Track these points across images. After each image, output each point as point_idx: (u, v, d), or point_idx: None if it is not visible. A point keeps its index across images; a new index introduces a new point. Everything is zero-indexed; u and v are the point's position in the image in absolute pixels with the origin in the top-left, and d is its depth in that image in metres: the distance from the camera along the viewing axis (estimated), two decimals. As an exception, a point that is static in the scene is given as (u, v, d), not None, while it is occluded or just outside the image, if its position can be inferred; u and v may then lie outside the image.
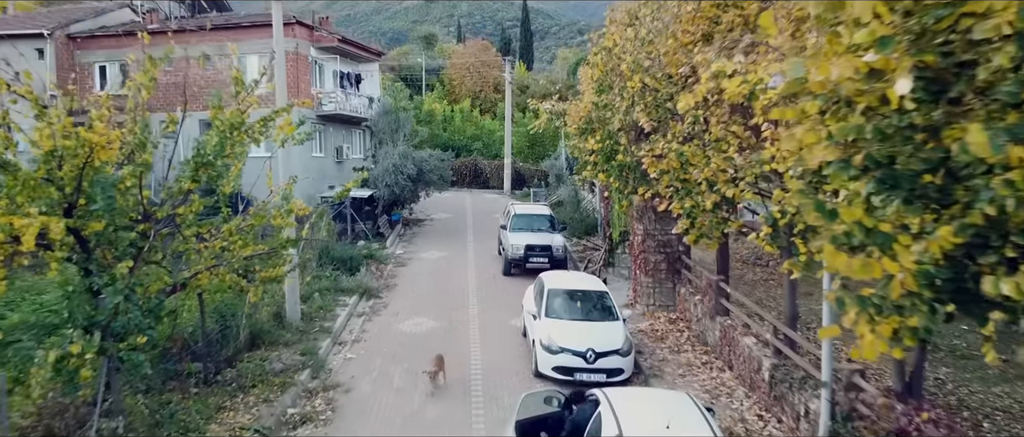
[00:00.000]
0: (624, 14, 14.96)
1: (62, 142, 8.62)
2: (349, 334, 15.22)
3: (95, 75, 29.63)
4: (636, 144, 13.53)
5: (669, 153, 10.98)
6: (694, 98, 7.96)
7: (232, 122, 9.54)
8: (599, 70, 15.01)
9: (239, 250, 10.85)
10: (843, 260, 4.41)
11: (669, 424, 7.30)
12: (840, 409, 8.48)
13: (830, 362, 8.63)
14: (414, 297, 18.24)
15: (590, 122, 15.86)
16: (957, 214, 4.23)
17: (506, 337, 14.97)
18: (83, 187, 9.01)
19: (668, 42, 11.73)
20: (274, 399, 11.31)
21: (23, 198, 8.81)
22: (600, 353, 12.05)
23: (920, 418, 7.06)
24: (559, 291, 13.73)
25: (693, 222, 10.95)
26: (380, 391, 12.00)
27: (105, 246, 9.54)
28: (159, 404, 10.37)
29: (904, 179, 4.41)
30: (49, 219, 8.43)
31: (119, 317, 8.90)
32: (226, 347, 12.77)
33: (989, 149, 3.59)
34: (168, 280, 10.21)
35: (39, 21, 30.29)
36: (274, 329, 14.34)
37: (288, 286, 14.90)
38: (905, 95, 4.07)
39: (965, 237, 4.15)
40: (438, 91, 58.27)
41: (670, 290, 16.58)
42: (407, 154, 26.76)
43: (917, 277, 4.27)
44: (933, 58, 4.12)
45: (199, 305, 12.10)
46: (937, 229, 4.18)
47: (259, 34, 27.33)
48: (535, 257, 19.91)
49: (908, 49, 4.14)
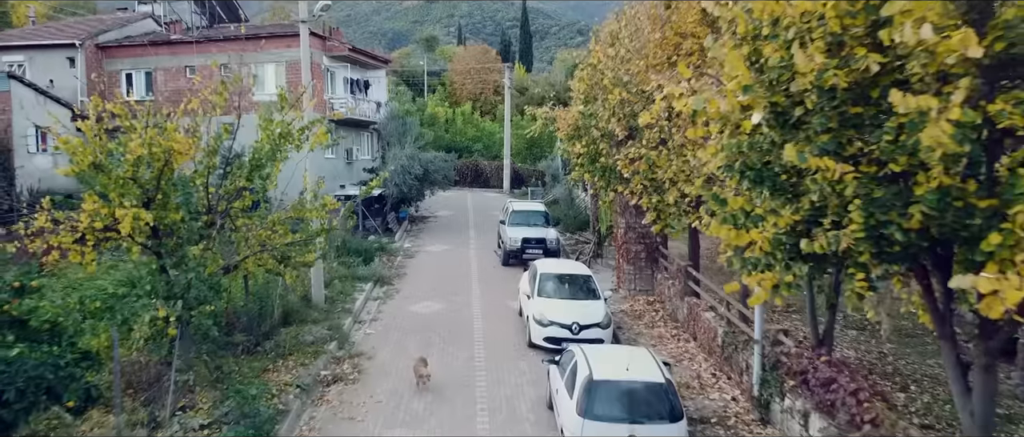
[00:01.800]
0: (607, 35, 17.14)
1: (150, 149, 10.74)
2: (367, 314, 17.41)
3: (122, 81, 31.75)
4: (615, 149, 15.70)
5: (640, 158, 13.16)
6: (651, 116, 10.13)
7: (281, 132, 11.70)
8: (585, 83, 17.19)
9: (280, 239, 13.06)
10: (724, 231, 6.61)
11: (628, 367, 9.50)
12: (768, 360, 10.67)
13: (761, 324, 10.81)
14: (422, 284, 20.41)
15: (577, 129, 18.06)
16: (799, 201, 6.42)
17: (504, 316, 17.13)
18: (161, 185, 11.16)
19: (640, 63, 13.91)
20: (309, 364, 13.46)
21: (114, 194, 10.96)
22: (584, 326, 14.20)
23: (819, 361, 9.24)
24: (550, 275, 15.90)
25: (659, 214, 13.12)
26: (397, 358, 14.17)
27: (167, 234, 11.70)
28: (216, 365, 12.53)
29: (767, 178, 6.60)
30: (140, 210, 10.62)
31: (190, 290, 11.04)
32: (264, 323, 14.94)
33: (796, 159, 5.77)
34: (222, 262, 12.39)
35: (70, 31, 32.48)
36: (303, 309, 16.50)
37: (314, 272, 17.07)
38: (760, 122, 6.27)
39: (801, 215, 6.35)
40: (440, 93, 60.41)
41: (649, 276, 18.77)
42: (414, 156, 28.91)
43: (771, 242, 6.46)
44: (780, 98, 6.31)
45: (244, 286, 14.27)
46: (784, 210, 6.38)
47: (275, 45, 29.53)
48: (531, 249, 22.05)
49: (764, 92, 6.32)
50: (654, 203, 12.94)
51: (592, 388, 9.12)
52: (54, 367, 7.42)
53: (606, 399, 9.06)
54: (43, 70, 30.55)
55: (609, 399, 9.08)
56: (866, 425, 7.97)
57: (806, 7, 5.81)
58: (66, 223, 11.09)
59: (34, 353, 7.18)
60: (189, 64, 30.94)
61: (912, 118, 5.32)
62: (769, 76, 6.32)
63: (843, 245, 5.95)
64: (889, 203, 5.85)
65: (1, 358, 6.87)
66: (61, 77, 30.70)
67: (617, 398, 9.14)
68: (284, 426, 10.77)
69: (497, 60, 64.01)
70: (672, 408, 9.03)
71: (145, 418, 10.21)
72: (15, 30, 37.55)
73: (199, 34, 31.30)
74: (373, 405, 11.85)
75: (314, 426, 11.07)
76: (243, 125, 12.33)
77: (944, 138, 5.13)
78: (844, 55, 5.87)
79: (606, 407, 9.00)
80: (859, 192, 5.87)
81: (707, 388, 12.32)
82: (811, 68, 5.77)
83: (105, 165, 10.89)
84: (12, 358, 6.94)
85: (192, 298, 11.03)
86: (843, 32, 5.86)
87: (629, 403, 9.09)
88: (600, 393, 9.08)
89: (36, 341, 7.34)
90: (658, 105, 9.84)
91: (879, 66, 5.63)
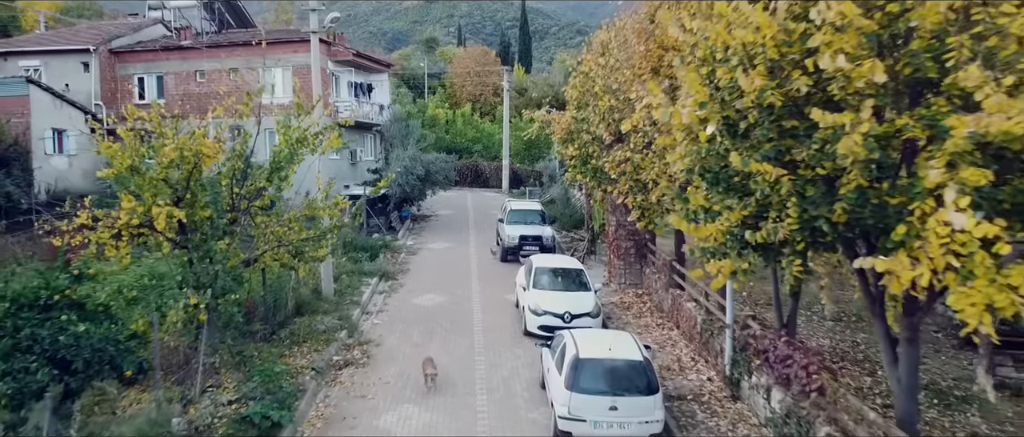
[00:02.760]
0: (598, 45, 18.32)
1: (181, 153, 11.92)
2: (374, 306, 18.60)
3: (134, 85, 32.94)
4: (605, 151, 16.89)
5: (626, 160, 14.34)
6: (631, 122, 11.30)
7: (299, 137, 12.88)
8: (577, 90, 18.38)
9: (295, 235, 14.25)
10: (684, 224, 7.80)
11: (611, 347, 10.69)
12: (738, 343, 11.86)
13: (732, 311, 11.99)
14: (425, 279, 21.59)
15: (570, 133, 19.25)
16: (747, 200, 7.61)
17: (502, 308, 18.32)
18: (190, 185, 12.34)
19: (627, 72, 15.09)
20: (321, 350, 14.65)
21: (148, 194, 12.14)
22: (575, 315, 15.38)
23: (780, 341, 10.43)
24: (544, 269, 17.09)
25: (644, 212, 14.31)
26: (403, 345, 15.37)
27: (192, 231, 12.87)
28: (238, 350, 13.72)
29: (722, 180, 7.79)
30: (173, 208, 11.80)
31: (217, 280, 12.22)
32: (279, 313, 16.12)
33: (741, 164, 6.96)
34: (242, 256, 13.57)
35: (84, 37, 33.66)
36: (314, 301, 17.69)
37: (324, 267, 18.26)
38: (714, 133, 7.45)
39: (749, 211, 7.54)
40: (440, 94, 61.61)
41: (638, 271, 19.96)
42: (416, 157, 30.10)
43: (724, 234, 7.64)
44: (731, 112, 7.49)
45: (262, 279, 15.45)
46: (735, 206, 7.57)
47: (282, 50, 30.67)
48: (528, 245, 23.24)
49: (718, 108, 7.51)
50: (639, 202, 14.13)
51: (578, 365, 10.31)
52: (115, 342, 8.58)
53: (591, 375, 10.25)
54: (58, 74, 31.68)
55: (593, 375, 10.26)
56: (813, 393, 9.16)
57: (748, 38, 6.99)
58: (105, 220, 12.28)
59: (97, 330, 8.34)
60: (199, 68, 32.12)
61: (832, 131, 6.51)
62: (721, 94, 7.51)
63: (781, 235, 7.14)
64: (818, 200, 7.04)
65: (71, 333, 8.04)
66: (76, 81, 31.88)
67: (601, 374, 10.32)
68: (303, 402, 11.95)
69: (496, 62, 65.22)
70: (649, 382, 10.22)
71: (178, 395, 11.39)
72: (31, 35, 38.72)
73: (209, 40, 32.45)
74: (382, 386, 13.03)
75: (330, 403, 12.26)
76: (251, 127, 13.48)
77: (856, 147, 6.32)
78: (782, 78, 7.06)
79: (591, 381, 10.19)
80: (794, 191, 7.06)
81: (686, 370, 13.52)
82: (753, 88, 6.96)
83: (140, 168, 12.09)
84: (80, 333, 8.11)
85: (219, 288, 12.21)
86: (780, 58, 7.04)
87: (611, 378, 10.28)
88: (585, 369, 10.27)
89: (94, 321, 8.49)
90: (639, 113, 11.06)
91: (808, 87, 6.82)
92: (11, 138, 26.85)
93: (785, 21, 6.86)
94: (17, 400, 7.77)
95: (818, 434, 8.90)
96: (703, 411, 11.69)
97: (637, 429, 10.02)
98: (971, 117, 5.89)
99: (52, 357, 7.95)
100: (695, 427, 11.11)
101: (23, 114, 28.13)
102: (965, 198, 5.78)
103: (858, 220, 6.93)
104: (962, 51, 6.28)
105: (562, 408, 10.20)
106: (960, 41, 6.31)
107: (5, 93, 27.88)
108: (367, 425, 11.34)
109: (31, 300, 8.28)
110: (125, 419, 9.84)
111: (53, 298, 8.43)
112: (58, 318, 8.17)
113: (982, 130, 5.78)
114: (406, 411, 11.88)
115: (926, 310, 7.80)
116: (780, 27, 6.86)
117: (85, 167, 30.38)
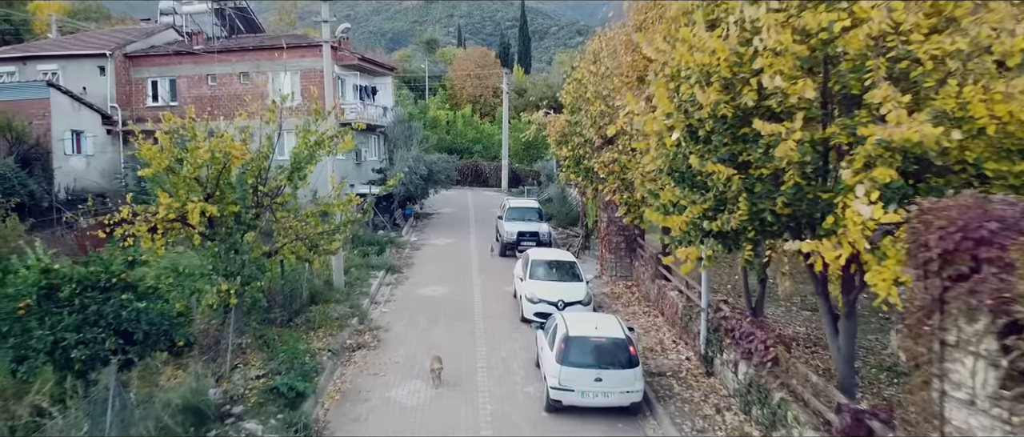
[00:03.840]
0: (591, 53, 19.71)
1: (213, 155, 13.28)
2: (382, 296, 19.99)
3: (148, 88, 34.30)
4: (596, 152, 18.29)
5: (614, 160, 15.73)
6: (616, 128, 12.69)
7: (317, 140, 14.26)
8: (570, 96, 19.78)
9: (311, 229, 15.61)
10: (656, 216, 9.20)
11: (597, 327, 12.09)
12: (711, 325, 13.25)
13: (707, 295, 13.38)
14: (429, 272, 22.98)
15: (564, 135, 20.64)
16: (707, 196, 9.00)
17: (501, 298, 19.71)
18: (219, 183, 13.71)
19: (616, 80, 16.48)
20: (335, 334, 16.03)
21: (182, 192, 13.52)
22: (568, 303, 16.75)
23: (745, 321, 11.82)
24: (540, 261, 18.48)
25: (630, 209, 15.70)
26: (410, 330, 16.75)
27: (218, 225, 14.23)
28: (260, 333, 15.10)
29: (686, 178, 9.17)
30: (205, 204, 13.18)
31: (244, 269, 13.59)
32: (295, 301, 17.50)
33: (698, 165, 8.35)
34: (264, 248, 14.95)
35: (100, 42, 35.04)
36: (326, 291, 19.08)
37: (335, 260, 19.63)
38: (678, 139, 8.84)
39: (708, 205, 8.92)
40: (440, 95, 63.01)
41: (628, 264, 21.36)
42: (419, 157, 31.50)
43: (688, 224, 9.03)
44: (694, 121, 8.88)
45: (280, 270, 16.82)
46: (697, 201, 8.96)
47: (290, 55, 32.00)
48: (525, 241, 24.62)
49: (681, 117, 8.89)
50: (625, 199, 15.51)
51: (568, 342, 11.71)
52: (169, 317, 9.93)
53: (579, 350, 11.64)
54: (75, 78, 33.04)
55: (581, 350, 11.66)
56: (769, 363, 10.54)
57: (705, 60, 8.37)
58: (143, 214, 13.67)
59: (153, 306, 9.70)
60: (210, 72, 33.48)
61: (772, 138, 7.89)
62: (684, 106, 8.89)
63: (733, 224, 8.53)
64: (764, 195, 8.43)
65: (132, 309, 9.40)
66: (92, 84, 33.24)
67: (588, 350, 11.71)
68: (322, 378, 13.33)
69: (496, 63, 66.58)
70: (629, 357, 11.61)
71: (211, 371, 12.79)
72: (49, 40, 40.07)
73: (220, 45, 33.82)
74: (392, 365, 14.42)
75: (346, 379, 13.65)
76: (260, 128, 14.81)
77: (791, 152, 7.70)
78: (734, 93, 8.44)
79: (579, 356, 11.58)
80: (743, 188, 8.44)
81: (668, 351, 14.92)
82: (709, 102, 8.34)
83: (176, 168, 13.48)
84: (140, 309, 9.47)
85: (246, 276, 13.60)
86: (732, 76, 8.42)
87: (596, 353, 11.67)
88: (574, 345, 11.66)
89: (149, 300, 9.84)
90: (622, 119, 12.45)
91: (754, 101, 8.20)
92: (33, 139, 28.20)
93: (735, 46, 8.23)
94: (89, 364, 9.14)
95: (774, 398, 10.28)
96: (680, 385, 13.07)
97: (619, 398, 11.43)
98: (880, 127, 7.27)
99: (116, 329, 9.32)
100: (672, 398, 12.50)
101: (44, 116, 29.48)
102: (875, 192, 7.15)
103: (797, 211, 8.31)
104: (878, 72, 7.66)
105: (554, 380, 11.59)
106: (877, 63, 7.68)
107: (27, 96, 29.25)
108: (380, 397, 12.73)
109: (93, 282, 9.62)
110: (169, 389, 11.24)
111: (111, 281, 9.78)
112: (118, 297, 9.54)
113: (888, 137, 7.16)
114: (415, 386, 13.26)
115: (860, 289, 9.17)
116: (731, 51, 8.24)
117: (102, 167, 31.80)
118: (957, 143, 7.29)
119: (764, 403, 10.56)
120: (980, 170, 7.78)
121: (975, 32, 7.35)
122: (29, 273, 9.62)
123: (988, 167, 7.73)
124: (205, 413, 10.97)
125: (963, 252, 5.09)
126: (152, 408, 10.11)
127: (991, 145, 7.72)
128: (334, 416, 11.95)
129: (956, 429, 5.39)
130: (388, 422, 11.67)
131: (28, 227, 22.10)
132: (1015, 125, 7.50)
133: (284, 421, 11.16)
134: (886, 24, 7.45)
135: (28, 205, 24.82)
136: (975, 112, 7.34)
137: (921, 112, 7.37)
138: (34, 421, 8.86)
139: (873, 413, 7.91)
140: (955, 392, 5.39)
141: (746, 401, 11.34)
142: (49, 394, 9.12)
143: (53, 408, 8.90)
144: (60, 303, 9.46)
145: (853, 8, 7.72)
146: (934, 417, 5.62)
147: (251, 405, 11.76)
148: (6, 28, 48.89)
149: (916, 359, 5.63)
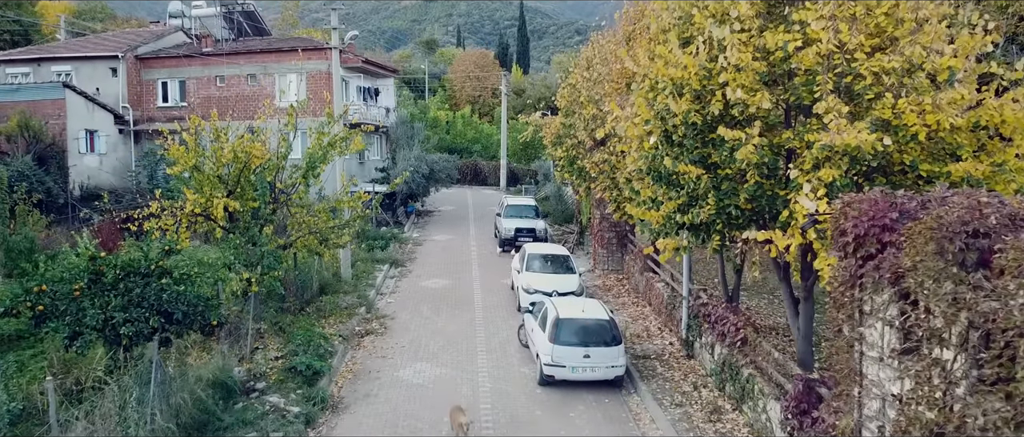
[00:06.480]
0: (584, 59, 20.92)
1: (235, 155, 14.48)
2: (387, 288, 21.21)
3: (158, 89, 35.46)
4: (588, 153, 19.51)
5: (604, 161, 16.94)
6: (603, 131, 13.89)
7: (330, 141, 15.48)
8: (565, 100, 21.00)
9: (323, 223, 16.82)
10: (637, 210, 10.42)
11: (583, 310, 13.35)
12: (692, 311, 14.48)
13: (688, 284, 14.61)
14: (431, 266, 24.20)
15: (559, 137, 21.86)
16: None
17: (499, 290, 20.93)
18: (241, 181, 14.91)
19: (607, 86, 17.69)
20: (345, 322, 17.24)
21: (206, 188, 14.71)
22: (561, 293, 17.94)
23: (720, 306, 13.06)
24: (536, 255, 19.71)
25: (618, 206, 16.92)
26: (414, 318, 17.97)
27: (238, 220, 15.41)
28: (275, 320, 16.30)
29: (663, 178, 10.39)
30: (229, 200, 14.39)
31: (264, 259, 14.79)
32: (307, 292, 18.71)
33: (671, 166, 9.57)
34: (280, 241, 16.16)
35: (112, 44, 36.21)
36: (335, 283, 20.29)
37: (343, 253, 20.84)
38: (656, 143, 10.07)
39: (682, 201, 10.15)
40: (440, 95, 64.22)
41: (619, 258, 22.59)
42: (421, 157, 32.72)
43: (664, 218, 10.26)
44: (669, 127, 10.09)
45: (294, 262, 18.03)
46: (672, 197, 10.19)
47: (296, 57, 33.18)
48: (522, 237, 25.84)
49: (658, 123, 10.10)
50: (614, 197, 16.73)
51: (559, 323, 12.95)
52: (204, 299, 11.12)
53: (568, 330, 12.88)
54: (88, 79, 34.18)
55: (571, 330, 12.90)
56: (739, 343, 11.78)
57: (678, 74, 9.58)
58: (170, 209, 14.87)
59: (189, 290, 10.89)
60: (219, 74, 34.66)
61: (735, 143, 9.11)
62: (660, 113, 10.11)
63: (703, 218, 9.76)
64: (729, 192, 9.65)
65: (173, 291, 10.61)
66: (105, 85, 34.39)
67: (576, 330, 12.95)
68: (335, 360, 14.54)
69: (495, 64, 67.80)
70: (613, 336, 12.87)
71: (234, 353, 14.00)
72: (62, 42, 41.24)
73: (228, 47, 35.00)
74: (399, 349, 15.64)
75: (356, 361, 14.87)
76: (267, 128, 15.98)
77: (750, 155, 8.92)
78: (704, 103, 9.66)
79: (568, 336, 12.82)
80: (711, 186, 9.67)
81: (653, 337, 16.15)
82: (681, 110, 9.56)
83: (201, 167, 14.68)
84: (180, 292, 10.68)
85: (265, 265, 14.81)
86: (702, 88, 9.64)
87: (584, 333, 12.92)
88: (564, 326, 12.90)
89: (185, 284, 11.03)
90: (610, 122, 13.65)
91: (720, 111, 9.42)
92: (49, 138, 29.35)
93: (704, 62, 9.45)
94: (135, 340, 10.35)
95: (743, 374, 11.51)
96: (663, 366, 14.30)
97: (604, 372, 12.69)
98: (825, 134, 8.49)
99: (158, 310, 10.52)
100: (655, 378, 13.73)
101: (59, 116, 30.62)
102: (822, 189, 8.37)
103: (757, 206, 9.54)
104: (826, 85, 8.89)
105: (546, 357, 12.83)
106: (826, 78, 8.91)
107: (43, 96, 30.39)
108: (389, 376, 13.94)
109: (135, 268, 10.82)
110: (199, 366, 12.45)
111: (150, 268, 10.97)
112: (157, 281, 10.74)
113: (831, 143, 8.38)
114: (420, 367, 14.48)
115: (816, 275, 10.39)
116: (701, 67, 9.46)
117: (114, 165, 32.96)
118: (893, 148, 8.51)
119: (735, 379, 11.80)
120: (918, 171, 9.01)
121: (909, 52, 8.57)
122: (79, 260, 10.84)
123: (922, 168, 8.93)
124: (232, 388, 12.19)
125: (872, 237, 6.31)
126: (186, 382, 11.33)
127: (924, 150, 8.95)
128: (347, 392, 13.16)
129: (870, 382, 6.62)
130: (396, 397, 12.89)
131: (48, 223, 23.26)
132: (944, 132, 8.73)
133: (303, 395, 12.39)
134: (833, 44, 8.69)
135: (45, 202, 25.96)
136: (908, 121, 8.55)
137: (862, 121, 8.59)
138: (93, 386, 10.09)
139: (822, 381, 9.12)
140: (870, 352, 6.61)
141: (720, 378, 12.57)
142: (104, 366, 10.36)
143: (108, 377, 10.12)
144: (106, 287, 10.68)
145: (806, 30, 8.95)
146: (855, 374, 6.84)
147: (272, 382, 12.98)
148: (16, 29, 50.04)
149: (840, 325, 6.85)
